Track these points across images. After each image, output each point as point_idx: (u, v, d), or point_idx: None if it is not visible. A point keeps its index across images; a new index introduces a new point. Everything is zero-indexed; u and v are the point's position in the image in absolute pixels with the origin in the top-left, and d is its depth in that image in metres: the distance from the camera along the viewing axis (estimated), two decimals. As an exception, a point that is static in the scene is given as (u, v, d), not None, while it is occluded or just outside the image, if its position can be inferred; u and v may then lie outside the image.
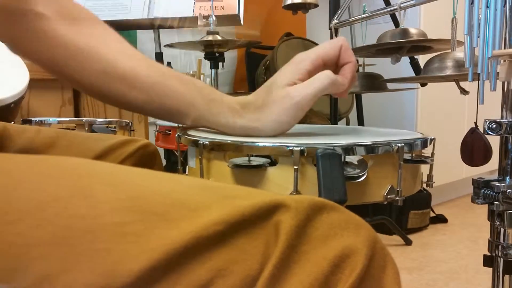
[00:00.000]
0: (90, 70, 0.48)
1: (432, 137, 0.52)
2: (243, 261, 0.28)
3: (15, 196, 0.30)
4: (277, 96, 0.49)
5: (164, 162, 1.66)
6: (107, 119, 1.15)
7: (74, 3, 0.50)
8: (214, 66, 1.39)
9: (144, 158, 0.63)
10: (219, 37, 1.27)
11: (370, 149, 0.44)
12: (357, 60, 1.40)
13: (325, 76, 0.48)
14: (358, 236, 0.30)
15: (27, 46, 0.48)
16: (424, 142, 0.49)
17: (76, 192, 0.31)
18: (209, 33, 1.27)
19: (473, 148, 0.64)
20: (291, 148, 0.42)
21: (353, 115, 1.95)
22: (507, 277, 0.59)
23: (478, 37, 0.51)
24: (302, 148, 0.42)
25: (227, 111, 0.50)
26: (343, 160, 0.44)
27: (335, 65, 0.52)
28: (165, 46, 1.44)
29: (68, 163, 0.34)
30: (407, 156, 0.47)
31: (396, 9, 0.80)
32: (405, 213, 1.87)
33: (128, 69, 0.49)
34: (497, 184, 0.56)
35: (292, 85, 0.48)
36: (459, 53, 0.68)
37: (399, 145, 0.44)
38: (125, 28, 1.84)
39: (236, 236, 0.29)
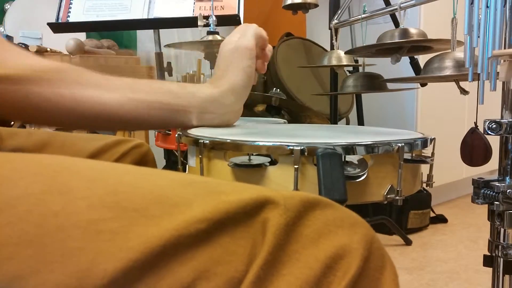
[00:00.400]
0: (61, 81, 0.45)
1: (432, 137, 0.52)
2: (228, 262, 0.27)
3: None
4: (228, 56, 0.59)
5: (164, 162, 1.66)
6: (107, 119, 1.14)
7: None
8: (214, 66, 1.38)
9: (137, 158, 0.63)
10: (219, 37, 1.27)
11: (370, 148, 0.44)
12: (357, 60, 1.40)
13: (249, 24, 0.61)
14: (353, 234, 0.28)
15: None
16: (424, 142, 0.49)
17: (50, 188, 0.29)
18: (209, 33, 1.27)
19: (473, 148, 0.64)
20: (291, 147, 0.42)
21: (353, 115, 1.95)
22: (507, 277, 0.59)
23: (478, 37, 0.51)
24: (302, 147, 0.42)
25: (205, 88, 0.55)
26: (343, 160, 0.44)
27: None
28: (165, 46, 1.44)
29: (45, 160, 0.33)
30: (407, 156, 0.47)
31: (396, 9, 0.80)
32: (405, 213, 1.87)
33: (99, 78, 0.47)
34: (497, 184, 0.56)
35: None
36: (459, 53, 0.68)
37: (400, 145, 0.44)
38: (125, 28, 1.85)
39: (220, 235, 0.27)
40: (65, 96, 0.45)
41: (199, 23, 1.26)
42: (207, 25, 1.27)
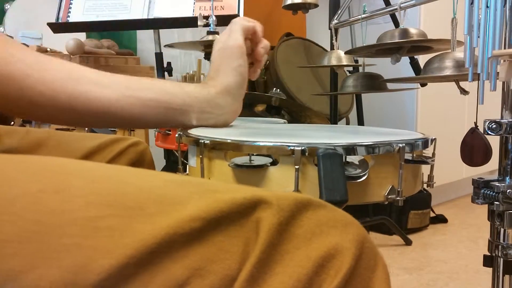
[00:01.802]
0: (54, 75, 0.45)
1: (433, 137, 0.52)
2: (222, 260, 0.27)
3: None
4: (218, 56, 0.59)
5: (164, 162, 1.66)
6: (107, 119, 1.14)
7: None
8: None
9: (134, 157, 0.63)
10: (218, 37, 1.26)
11: (371, 149, 0.44)
12: (357, 60, 1.40)
13: (237, 19, 0.60)
14: (346, 234, 0.28)
15: None
16: (425, 143, 0.49)
17: (48, 187, 0.29)
18: (209, 33, 1.27)
19: (473, 148, 0.64)
20: (292, 147, 0.42)
21: (353, 115, 1.95)
22: (507, 277, 0.59)
23: (478, 37, 0.51)
24: (303, 147, 0.42)
25: (200, 88, 0.55)
26: (344, 160, 0.44)
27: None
28: (165, 46, 1.44)
29: (43, 161, 0.34)
30: (408, 156, 0.47)
31: (396, 9, 0.80)
32: (405, 213, 1.87)
33: (92, 73, 0.47)
34: (497, 184, 0.56)
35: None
36: (459, 53, 0.68)
37: (400, 145, 0.44)
38: (125, 28, 1.84)
39: (214, 234, 0.28)
40: (58, 91, 0.45)
41: (199, 23, 1.26)
42: (207, 25, 1.27)
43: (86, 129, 1.08)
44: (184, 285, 0.27)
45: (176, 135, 0.54)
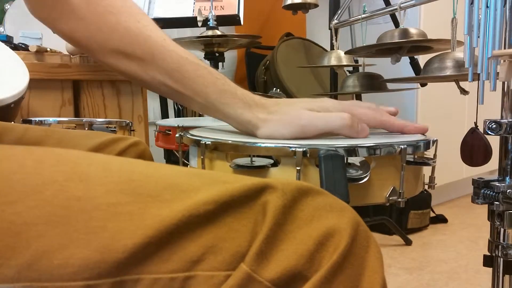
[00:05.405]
0: (122, 26, 0.50)
1: (435, 139, 0.52)
2: (232, 238, 0.30)
3: (15, 179, 0.32)
4: (290, 111, 0.49)
5: (164, 162, 1.66)
6: (107, 119, 1.14)
7: None
8: (214, 66, 1.39)
9: (134, 156, 0.63)
10: (218, 32, 1.26)
11: (373, 150, 0.44)
12: (357, 60, 1.40)
13: (340, 117, 0.48)
14: (342, 217, 0.31)
15: (61, 22, 0.52)
16: (427, 144, 0.49)
17: (72, 176, 0.32)
18: (208, 28, 1.27)
19: (473, 148, 0.64)
20: (293, 149, 0.42)
21: (353, 115, 1.95)
22: (507, 277, 0.59)
23: (478, 37, 0.52)
24: (304, 149, 0.42)
25: (239, 103, 0.50)
26: (345, 162, 0.44)
27: None
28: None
29: (64, 152, 0.36)
30: (409, 157, 0.47)
31: (396, 9, 0.81)
32: (405, 213, 1.87)
33: (158, 39, 0.51)
34: (497, 184, 0.56)
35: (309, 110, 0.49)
36: (459, 53, 0.68)
37: (402, 146, 0.44)
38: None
39: (225, 215, 0.31)
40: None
41: (199, 18, 1.26)
42: (206, 20, 1.27)
43: (86, 128, 1.08)
44: (199, 261, 0.30)
45: (177, 135, 0.54)
